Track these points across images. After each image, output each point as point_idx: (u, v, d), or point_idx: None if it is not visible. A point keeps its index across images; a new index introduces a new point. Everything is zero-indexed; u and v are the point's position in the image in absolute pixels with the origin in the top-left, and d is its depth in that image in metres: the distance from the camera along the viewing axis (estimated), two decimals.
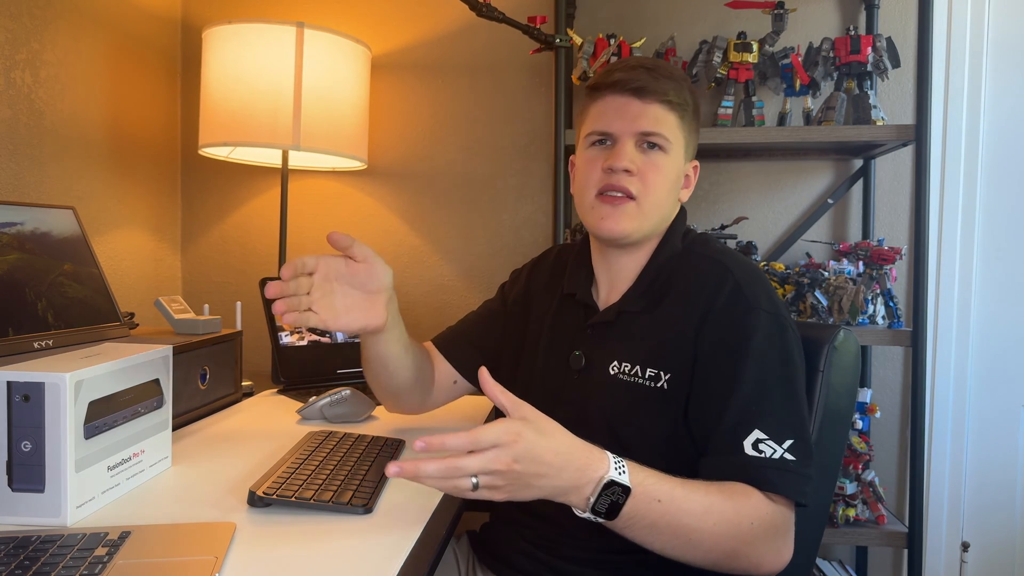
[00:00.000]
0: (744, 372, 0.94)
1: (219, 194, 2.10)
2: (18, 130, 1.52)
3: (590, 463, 0.80)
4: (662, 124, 1.04)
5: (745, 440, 0.91)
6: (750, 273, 1.02)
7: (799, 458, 0.91)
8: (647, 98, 1.03)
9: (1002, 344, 1.90)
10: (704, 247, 1.09)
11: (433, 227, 2.06)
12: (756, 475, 0.90)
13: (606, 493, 0.79)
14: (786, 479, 0.90)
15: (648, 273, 1.08)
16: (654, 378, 1.00)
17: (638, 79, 1.03)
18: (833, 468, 1.06)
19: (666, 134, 1.04)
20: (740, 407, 0.93)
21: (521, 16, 1.73)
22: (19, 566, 0.67)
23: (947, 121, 1.88)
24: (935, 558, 1.91)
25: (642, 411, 1.00)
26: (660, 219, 1.07)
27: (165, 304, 1.35)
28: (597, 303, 1.12)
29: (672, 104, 1.04)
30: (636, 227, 1.05)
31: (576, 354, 1.09)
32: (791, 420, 0.93)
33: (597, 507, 0.80)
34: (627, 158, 1.03)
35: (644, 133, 1.03)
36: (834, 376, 1.04)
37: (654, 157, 1.04)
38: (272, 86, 1.67)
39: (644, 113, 1.03)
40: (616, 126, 1.04)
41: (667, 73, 1.05)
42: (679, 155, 1.07)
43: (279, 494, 0.86)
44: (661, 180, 1.05)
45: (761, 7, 1.76)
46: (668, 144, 1.04)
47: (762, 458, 0.90)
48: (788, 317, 1.00)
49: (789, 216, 1.94)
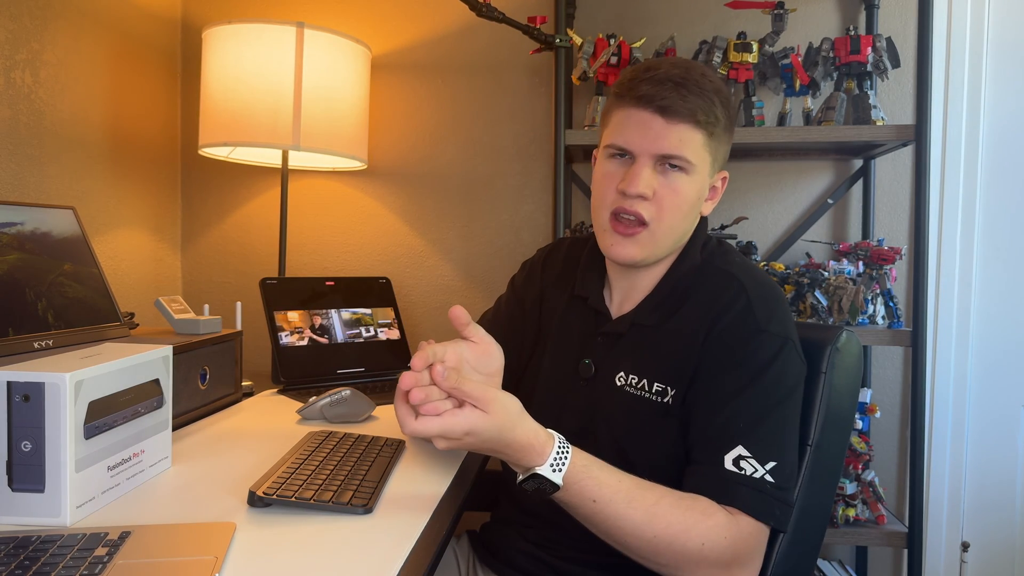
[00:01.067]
0: (738, 390, 0.94)
1: (219, 194, 2.10)
2: (18, 130, 1.52)
3: (527, 454, 0.85)
4: (686, 146, 0.97)
5: (727, 455, 0.91)
6: (766, 293, 0.99)
7: (779, 482, 0.90)
8: (672, 118, 0.96)
9: (1002, 344, 1.90)
10: (724, 260, 1.05)
11: (433, 227, 2.06)
12: (729, 490, 0.89)
13: (531, 481, 0.85)
14: (759, 500, 0.89)
15: (665, 286, 1.05)
16: (661, 393, 0.99)
17: (664, 96, 0.96)
18: (835, 469, 1.06)
19: (689, 157, 0.98)
20: (728, 422, 0.92)
21: (521, 16, 1.73)
22: (19, 566, 0.67)
23: (947, 121, 1.88)
24: (935, 558, 1.91)
25: (647, 426, 1.00)
26: (675, 241, 1.04)
27: (165, 304, 1.35)
28: (610, 309, 1.10)
29: (700, 123, 0.97)
30: (648, 254, 1.02)
31: (586, 362, 1.08)
32: (778, 443, 0.92)
33: (525, 486, 0.86)
34: (643, 183, 0.97)
35: (665, 156, 0.98)
36: (836, 377, 1.04)
37: (674, 180, 0.99)
38: (272, 86, 1.67)
39: (667, 134, 0.97)
40: (636, 144, 0.98)
41: (698, 89, 0.97)
42: (703, 175, 1.01)
43: (279, 494, 0.86)
44: (679, 204, 1.00)
45: (761, 7, 1.76)
46: (691, 166, 0.99)
47: (741, 475, 0.89)
48: (796, 343, 0.98)
49: (789, 216, 1.95)
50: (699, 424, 0.95)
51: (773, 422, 0.93)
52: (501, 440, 0.83)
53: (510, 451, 0.85)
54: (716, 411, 0.94)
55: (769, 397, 0.94)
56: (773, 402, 0.94)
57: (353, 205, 2.07)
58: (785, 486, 0.91)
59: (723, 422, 0.93)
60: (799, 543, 0.99)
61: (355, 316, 1.77)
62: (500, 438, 0.83)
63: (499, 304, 1.29)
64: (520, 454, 0.85)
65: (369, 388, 1.59)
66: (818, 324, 1.49)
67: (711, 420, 0.94)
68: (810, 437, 1.01)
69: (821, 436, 1.02)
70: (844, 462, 1.65)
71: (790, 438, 0.95)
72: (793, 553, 0.98)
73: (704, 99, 0.97)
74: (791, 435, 0.95)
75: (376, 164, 2.05)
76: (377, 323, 1.80)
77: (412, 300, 2.05)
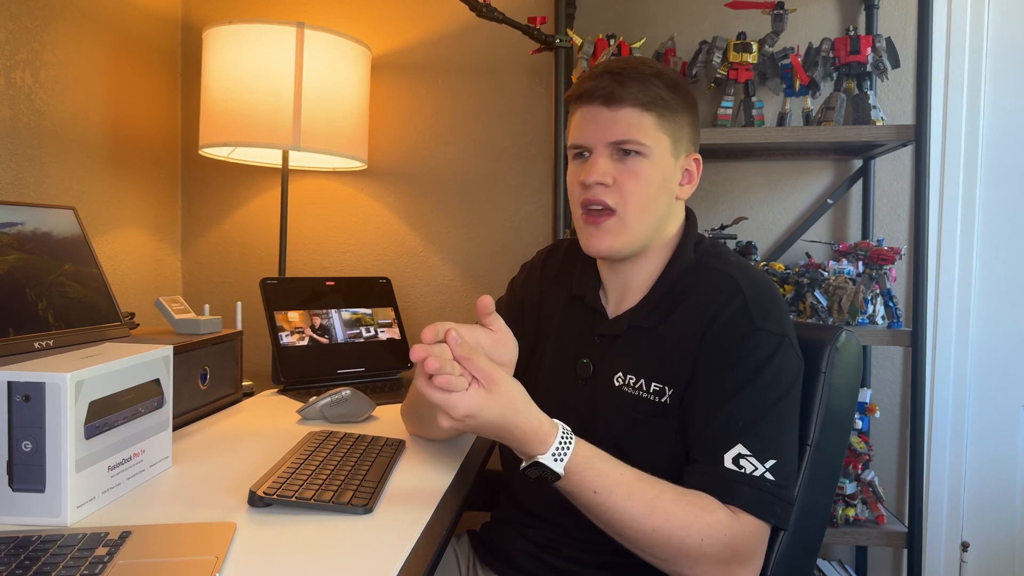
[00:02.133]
0: (736, 388, 0.94)
1: (219, 194, 2.10)
2: (18, 130, 1.52)
3: (530, 441, 0.86)
4: (636, 129, 1.00)
5: (727, 453, 0.91)
6: (762, 292, 1.00)
7: (779, 480, 0.91)
8: (615, 104, 1.00)
9: (1002, 344, 1.90)
10: (719, 260, 1.06)
11: (433, 227, 2.06)
12: (729, 489, 0.89)
13: (533, 468, 0.87)
14: (759, 498, 0.89)
15: (660, 287, 1.06)
16: (659, 392, 1.00)
17: (603, 86, 1.00)
18: (834, 469, 1.06)
19: (641, 139, 1.00)
20: (727, 421, 0.93)
21: (521, 16, 1.73)
22: (19, 566, 0.67)
23: (947, 121, 1.88)
24: (935, 558, 1.91)
25: (645, 426, 1.00)
26: (652, 227, 1.04)
27: (165, 304, 1.35)
28: (606, 308, 1.11)
29: (645, 105, 1.00)
30: (623, 242, 1.03)
31: (584, 362, 1.08)
32: (777, 441, 0.93)
33: (528, 473, 0.88)
34: (598, 171, 1.00)
35: (616, 142, 1.01)
36: (836, 377, 1.04)
37: (632, 164, 1.01)
38: (272, 86, 1.67)
39: (615, 121, 1.00)
40: (588, 138, 1.02)
41: (636, 75, 1.00)
42: (664, 156, 1.03)
43: (279, 494, 0.86)
44: (642, 187, 1.01)
45: (761, 7, 1.76)
46: (646, 148, 1.01)
47: (740, 473, 0.90)
48: (793, 341, 0.98)
49: (789, 216, 1.95)
50: (698, 424, 0.95)
51: (772, 420, 0.93)
52: (504, 424, 0.84)
53: (512, 436, 0.86)
54: (715, 410, 0.94)
55: (767, 395, 0.94)
56: (771, 400, 0.94)
57: (353, 205, 2.07)
58: (785, 484, 0.91)
59: (722, 421, 0.93)
60: (799, 542, 0.99)
61: (355, 316, 1.78)
62: (503, 422, 0.84)
63: (498, 307, 1.28)
64: (523, 440, 0.86)
65: (369, 388, 1.59)
66: (818, 324, 1.48)
67: (710, 420, 0.94)
68: (810, 437, 1.01)
69: (821, 436, 1.02)
70: (844, 462, 1.65)
71: (789, 436, 0.95)
72: (793, 552, 0.98)
73: (643, 82, 1.00)
74: (790, 433, 0.96)
75: (376, 164, 2.05)
76: (377, 323, 1.80)
77: (412, 300, 2.05)
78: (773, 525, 0.91)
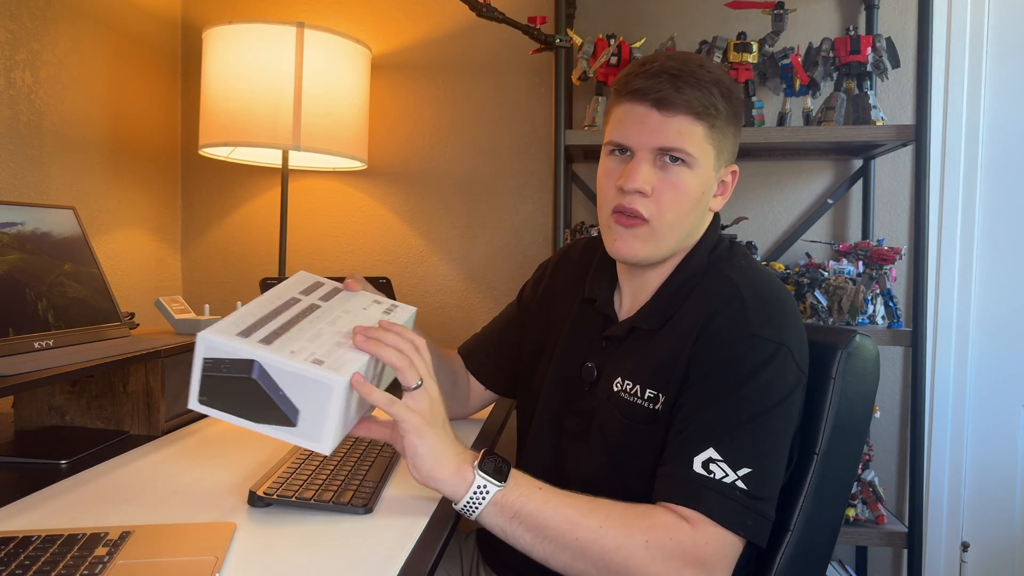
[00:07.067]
0: (721, 392, 0.89)
1: (219, 194, 2.10)
2: (18, 130, 1.52)
3: (454, 489, 0.84)
4: (685, 138, 0.94)
5: (697, 456, 0.86)
6: (764, 297, 0.95)
7: (752, 490, 0.84)
8: (668, 110, 0.94)
9: (1002, 344, 1.90)
10: (727, 264, 1.01)
11: (433, 227, 2.06)
12: (693, 493, 0.84)
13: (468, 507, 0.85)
14: (724, 505, 0.83)
15: (666, 291, 1.02)
16: (652, 399, 0.96)
17: (659, 89, 0.93)
18: (845, 480, 1.00)
19: (690, 149, 0.94)
20: (705, 424, 0.88)
21: (521, 16, 1.73)
22: (19, 566, 0.67)
23: (947, 121, 1.88)
24: (935, 558, 1.91)
25: (637, 434, 0.96)
26: (680, 238, 1.00)
27: (166, 304, 1.35)
28: (618, 313, 1.07)
29: (699, 115, 0.94)
30: (651, 251, 0.98)
31: (588, 366, 1.05)
32: (757, 451, 0.87)
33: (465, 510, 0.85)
34: (640, 178, 0.95)
35: (663, 149, 0.95)
36: (848, 384, 0.97)
37: (674, 174, 0.96)
38: (272, 86, 1.67)
39: (664, 127, 0.94)
40: (633, 139, 0.96)
41: (694, 80, 0.94)
42: (707, 168, 0.98)
43: (279, 494, 0.86)
44: (680, 200, 0.96)
45: (761, 7, 1.76)
46: (692, 159, 0.95)
47: (708, 478, 0.84)
48: (794, 351, 0.92)
49: (789, 216, 1.95)
50: (677, 425, 0.91)
51: (755, 429, 0.87)
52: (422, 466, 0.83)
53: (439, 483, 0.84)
54: (694, 412, 0.90)
55: (754, 403, 0.88)
56: (758, 409, 0.88)
57: (353, 205, 2.07)
58: (760, 496, 0.85)
59: (699, 423, 0.88)
60: (804, 556, 0.94)
61: None
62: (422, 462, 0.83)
63: (501, 320, 1.28)
64: (449, 485, 0.84)
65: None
66: (829, 327, 1.42)
67: (688, 420, 0.90)
68: (817, 445, 0.95)
69: (829, 445, 0.96)
70: (857, 472, 1.58)
71: (776, 448, 0.89)
72: (797, 566, 0.94)
73: (701, 90, 0.94)
74: (777, 445, 0.89)
75: (376, 164, 2.05)
76: None
77: (412, 300, 2.05)
78: (745, 539, 0.85)
